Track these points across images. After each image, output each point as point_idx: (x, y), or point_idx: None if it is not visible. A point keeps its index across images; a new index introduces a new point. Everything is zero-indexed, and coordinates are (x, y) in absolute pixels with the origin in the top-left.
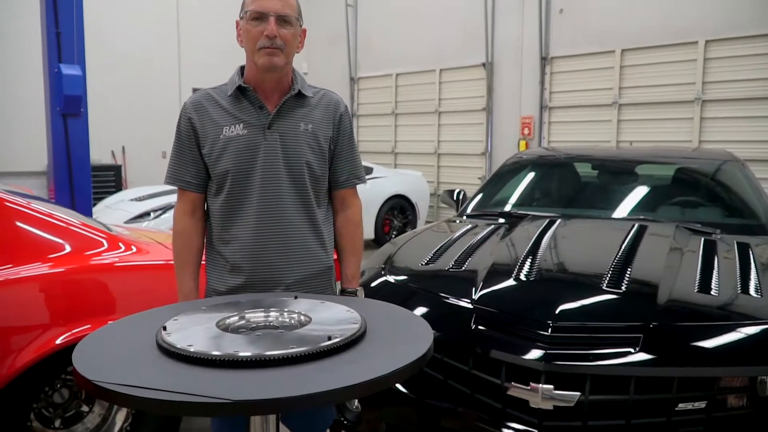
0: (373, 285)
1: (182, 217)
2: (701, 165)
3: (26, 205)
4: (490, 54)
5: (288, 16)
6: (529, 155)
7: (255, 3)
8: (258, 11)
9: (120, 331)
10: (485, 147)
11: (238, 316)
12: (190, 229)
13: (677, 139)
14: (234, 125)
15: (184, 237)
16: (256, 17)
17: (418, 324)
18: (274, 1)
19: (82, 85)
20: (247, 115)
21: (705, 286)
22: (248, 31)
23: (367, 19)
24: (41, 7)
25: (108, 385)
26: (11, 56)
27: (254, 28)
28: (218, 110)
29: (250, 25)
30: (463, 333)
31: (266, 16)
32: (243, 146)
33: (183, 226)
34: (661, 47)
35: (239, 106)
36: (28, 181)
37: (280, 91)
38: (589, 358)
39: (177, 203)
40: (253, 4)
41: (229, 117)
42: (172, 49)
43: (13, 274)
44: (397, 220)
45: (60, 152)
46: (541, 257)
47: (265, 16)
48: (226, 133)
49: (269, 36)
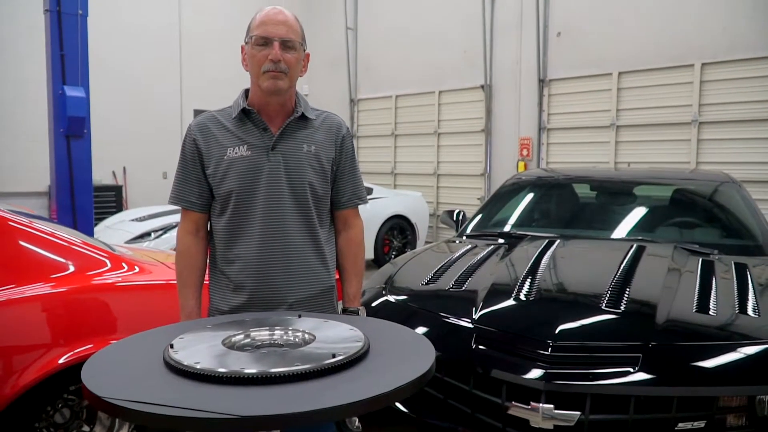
0: (374, 305)
1: (185, 237)
2: (698, 186)
3: (29, 225)
4: (488, 76)
5: (292, 41)
6: (528, 176)
7: (260, 28)
8: (263, 36)
9: (127, 348)
10: (484, 168)
11: (243, 335)
12: (193, 248)
13: (675, 160)
14: (238, 146)
15: (187, 257)
16: (262, 42)
17: (421, 342)
18: (278, 27)
19: (86, 107)
20: (251, 137)
21: (703, 307)
22: (253, 56)
23: (367, 41)
24: (46, 29)
25: (116, 401)
26: (12, 78)
27: (259, 53)
28: (223, 132)
29: (255, 50)
30: (463, 352)
31: (271, 41)
32: (247, 167)
33: (186, 246)
34: (657, 70)
35: (243, 128)
36: (29, 201)
37: (283, 113)
38: (589, 378)
39: (180, 223)
40: (258, 30)
41: (233, 138)
42: (173, 71)
43: (17, 294)
44: (397, 241)
45: (63, 173)
46: (541, 277)
47: (270, 41)
48: (230, 155)
49: (274, 60)
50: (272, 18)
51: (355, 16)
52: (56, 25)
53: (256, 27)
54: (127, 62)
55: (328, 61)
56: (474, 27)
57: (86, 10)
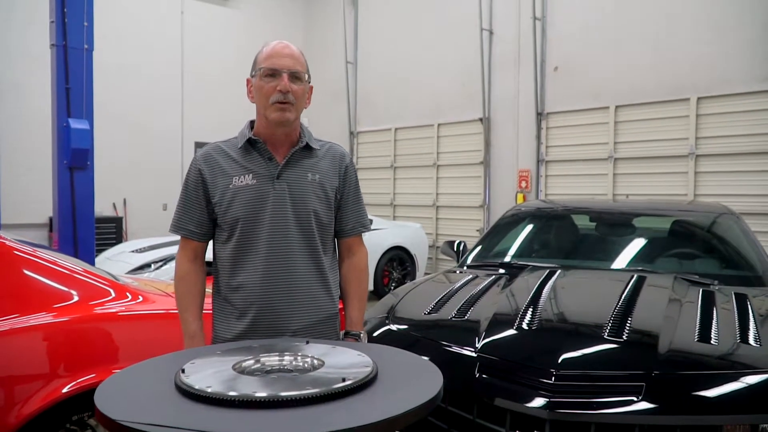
0: (377, 334)
1: (184, 263)
2: (697, 217)
3: (32, 254)
4: (487, 109)
5: (299, 72)
6: (528, 207)
7: (268, 60)
8: (272, 68)
9: (139, 373)
10: (483, 200)
11: (253, 360)
12: (192, 273)
13: (673, 192)
14: (244, 175)
15: (186, 281)
16: (270, 74)
17: (428, 368)
18: (286, 59)
19: (90, 139)
20: (256, 166)
21: (705, 336)
22: (261, 87)
23: (366, 75)
24: (52, 63)
25: (131, 424)
26: (15, 111)
27: (267, 84)
28: (228, 161)
29: (263, 82)
30: (466, 381)
31: (280, 73)
32: (252, 195)
33: (185, 272)
34: (654, 103)
35: (249, 158)
36: (29, 233)
37: (288, 143)
38: (592, 407)
39: (179, 250)
40: (267, 62)
41: (239, 168)
42: (175, 104)
43: (21, 323)
44: (396, 272)
45: (65, 204)
46: (543, 307)
47: (278, 73)
48: (236, 183)
49: (282, 91)
50: (279, 51)
51: (355, 51)
52: (62, 59)
53: (264, 59)
54: (129, 96)
55: (328, 94)
56: (472, 61)
57: (92, 45)
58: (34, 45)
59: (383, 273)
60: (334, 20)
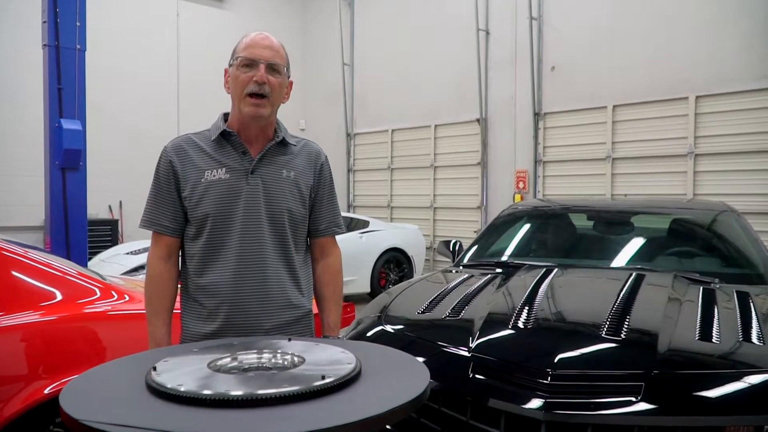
0: (370, 334)
1: (157, 262)
2: (697, 215)
3: (20, 253)
4: (484, 110)
5: (277, 65)
6: (525, 206)
7: (246, 50)
8: (249, 58)
9: (109, 372)
10: (481, 201)
11: (230, 358)
12: (164, 274)
13: (672, 192)
14: (216, 169)
15: (158, 283)
16: (247, 63)
17: (415, 366)
18: (265, 50)
19: (82, 140)
20: (230, 160)
21: (706, 335)
22: (237, 77)
23: (363, 77)
24: (44, 63)
25: (94, 424)
26: (10, 113)
27: (244, 74)
28: (200, 154)
29: (240, 71)
30: (460, 382)
31: (257, 63)
32: (225, 190)
33: (158, 272)
34: (652, 103)
35: (222, 151)
36: (24, 235)
37: (263, 138)
38: (590, 407)
39: (151, 248)
40: (245, 52)
41: (211, 161)
42: (170, 106)
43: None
44: (393, 274)
45: (57, 205)
46: (539, 306)
47: (255, 63)
48: (208, 177)
49: (258, 81)
50: (259, 42)
51: (352, 52)
52: (54, 59)
53: (243, 49)
54: (124, 98)
55: (324, 96)
56: (469, 62)
57: (84, 45)
58: (27, 47)
59: (380, 275)
60: (330, 22)
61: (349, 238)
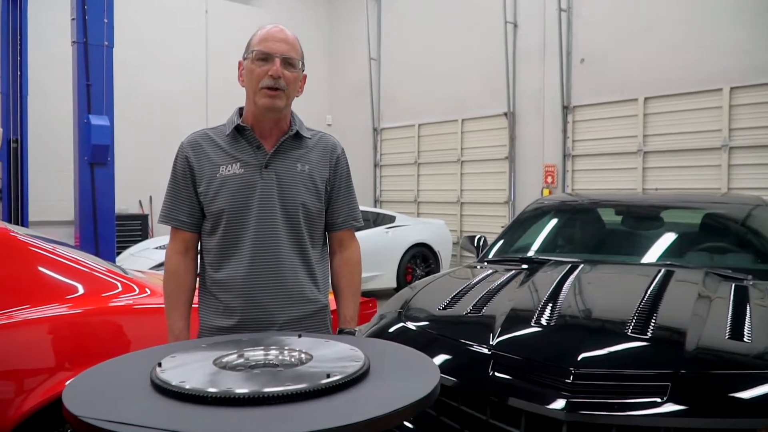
0: (390, 330)
1: (175, 257)
2: (730, 210)
3: (43, 247)
4: (511, 104)
5: (293, 59)
6: (551, 201)
7: (261, 44)
8: (264, 52)
9: (115, 368)
10: (508, 196)
11: (236, 354)
12: (182, 269)
13: (705, 186)
14: (231, 164)
15: (176, 277)
16: (262, 57)
17: (425, 364)
18: (280, 44)
19: (110, 135)
20: (244, 155)
21: (737, 333)
22: (252, 71)
23: (389, 71)
24: (73, 60)
25: (94, 421)
26: (44, 108)
27: (259, 68)
28: (215, 149)
29: (255, 65)
30: (479, 380)
31: (272, 57)
32: (239, 185)
33: (176, 266)
34: (684, 95)
35: (237, 146)
36: (58, 230)
37: (278, 131)
38: (613, 408)
39: (170, 243)
40: (260, 45)
41: (226, 156)
42: (200, 101)
43: (14, 317)
44: (420, 269)
45: (86, 200)
46: (563, 302)
47: (271, 57)
48: (223, 172)
49: (274, 76)
50: (274, 35)
51: (378, 47)
52: (83, 56)
53: (258, 43)
54: (154, 93)
55: (351, 91)
56: (496, 55)
57: (112, 42)
58: (59, 45)
59: (406, 270)
60: (357, 17)
61: (375, 234)
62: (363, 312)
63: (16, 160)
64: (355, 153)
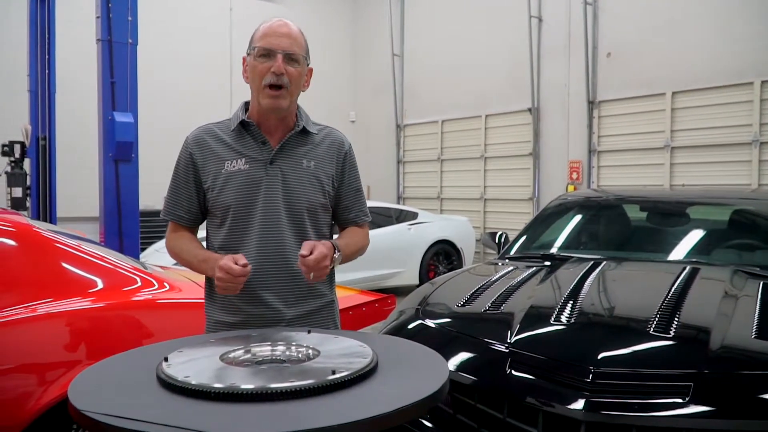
0: (410, 327)
1: (170, 235)
2: (760, 206)
3: (64, 242)
4: (536, 99)
5: (295, 54)
6: (574, 197)
7: (263, 40)
8: (266, 48)
9: (122, 363)
10: (532, 192)
11: (243, 350)
12: (179, 235)
13: (735, 182)
14: (236, 160)
15: (179, 239)
16: (264, 54)
17: (434, 362)
18: (282, 39)
19: (134, 132)
20: (249, 150)
21: (764, 332)
22: (255, 67)
23: (413, 67)
24: (98, 57)
25: (98, 416)
26: (71, 106)
27: (261, 65)
28: (220, 145)
29: (257, 62)
30: (497, 378)
31: (274, 53)
32: (244, 181)
33: (175, 236)
34: (713, 89)
35: (242, 141)
36: (85, 226)
37: (284, 127)
38: (633, 408)
39: (168, 233)
40: (262, 41)
41: (231, 152)
42: (224, 97)
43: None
44: (443, 266)
45: (110, 197)
46: (583, 300)
47: (273, 53)
48: (228, 168)
49: (276, 72)
50: (276, 30)
51: (402, 43)
52: (107, 53)
53: (260, 38)
54: (180, 91)
55: (374, 88)
56: (520, 50)
57: (136, 39)
58: (85, 43)
59: (429, 267)
60: (380, 13)
61: (398, 230)
62: (381, 309)
63: (45, 157)
64: (378, 149)
